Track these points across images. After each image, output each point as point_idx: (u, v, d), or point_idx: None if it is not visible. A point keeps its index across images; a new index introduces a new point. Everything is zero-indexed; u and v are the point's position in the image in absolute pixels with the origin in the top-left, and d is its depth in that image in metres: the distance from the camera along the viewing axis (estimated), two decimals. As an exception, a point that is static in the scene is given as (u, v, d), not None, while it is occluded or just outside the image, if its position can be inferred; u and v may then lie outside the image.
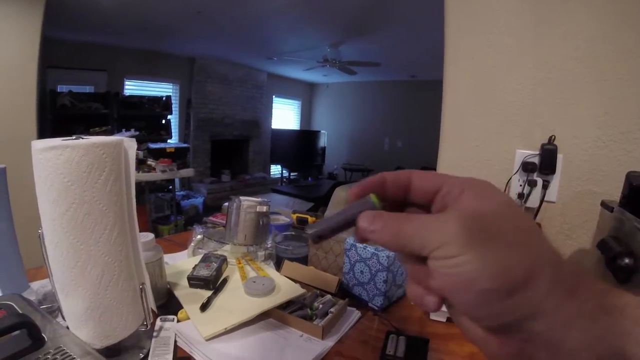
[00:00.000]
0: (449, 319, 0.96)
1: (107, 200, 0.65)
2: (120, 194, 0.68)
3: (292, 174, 9.50)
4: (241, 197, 1.18)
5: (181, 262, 1.17)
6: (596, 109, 1.13)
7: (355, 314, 0.96)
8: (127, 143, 0.72)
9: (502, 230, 0.26)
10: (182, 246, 1.35)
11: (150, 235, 0.94)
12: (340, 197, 3.33)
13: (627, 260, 0.64)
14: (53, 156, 0.60)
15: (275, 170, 9.54)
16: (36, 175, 0.62)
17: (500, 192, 0.29)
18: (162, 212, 5.24)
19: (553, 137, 1.19)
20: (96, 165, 0.62)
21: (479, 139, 1.33)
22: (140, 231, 0.94)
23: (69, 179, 0.61)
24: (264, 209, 1.18)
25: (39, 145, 0.60)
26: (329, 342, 0.83)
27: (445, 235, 0.26)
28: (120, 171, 0.68)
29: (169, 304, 0.96)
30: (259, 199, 1.20)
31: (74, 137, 0.64)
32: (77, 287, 0.65)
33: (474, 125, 1.33)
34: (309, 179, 9.56)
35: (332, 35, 5.09)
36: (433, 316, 0.97)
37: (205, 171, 7.45)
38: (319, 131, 9.70)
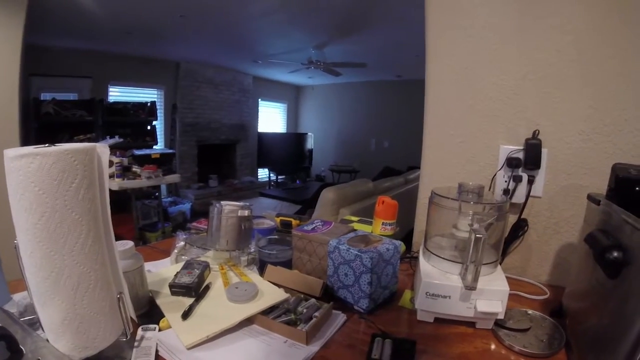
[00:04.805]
0: (436, 319, 0.95)
1: (80, 208, 0.63)
2: (94, 202, 0.67)
3: (279, 177, 9.48)
4: (222, 202, 1.17)
5: (164, 270, 1.16)
6: (580, 102, 1.13)
7: (340, 318, 0.95)
8: (100, 149, 0.70)
9: None
10: (166, 253, 1.33)
11: (129, 244, 0.92)
12: (327, 199, 3.33)
13: (616, 254, 0.64)
14: (24, 164, 0.59)
15: (263, 173, 9.51)
16: (8, 184, 0.61)
17: None
18: (149, 219, 5.20)
19: (537, 131, 1.19)
20: (67, 172, 0.61)
21: (462, 136, 1.33)
22: (127, 239, 0.93)
23: (40, 188, 0.59)
24: (246, 213, 1.17)
25: (10, 154, 0.59)
26: (314, 347, 0.82)
27: None
28: (93, 178, 0.67)
29: (151, 313, 0.94)
30: (241, 203, 1.19)
31: (46, 145, 0.63)
32: (53, 298, 0.64)
33: (457, 121, 1.33)
34: (297, 181, 9.56)
35: (316, 36, 5.08)
36: (420, 317, 0.96)
37: (192, 177, 7.40)
38: (306, 133, 9.70)
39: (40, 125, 4.81)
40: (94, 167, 0.67)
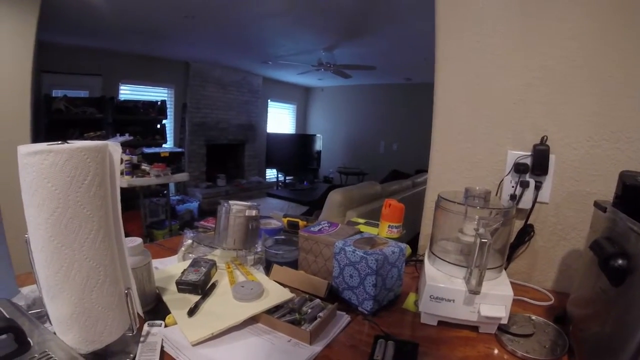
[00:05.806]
0: (440, 323, 0.96)
1: (91, 205, 0.65)
2: (105, 198, 0.68)
3: (287, 178, 9.49)
4: (230, 202, 1.18)
5: (171, 267, 1.17)
6: (587, 108, 1.13)
7: (344, 319, 0.95)
8: (112, 147, 0.72)
9: None
10: (173, 251, 1.34)
11: (137, 240, 0.93)
12: (335, 201, 3.33)
13: (620, 262, 0.64)
14: (37, 161, 0.60)
15: (271, 174, 9.52)
16: (22, 180, 0.62)
17: None
18: (157, 217, 5.22)
19: (545, 137, 1.19)
20: (80, 169, 0.62)
21: (470, 141, 1.33)
22: (135, 236, 0.94)
23: (53, 184, 0.60)
24: (253, 213, 1.18)
25: (24, 150, 0.60)
26: (317, 347, 0.83)
27: None
28: (105, 175, 0.68)
29: (157, 309, 0.95)
30: (248, 203, 1.20)
31: (59, 142, 0.64)
32: (62, 292, 0.65)
33: (465, 126, 1.33)
34: (305, 182, 9.55)
35: (326, 38, 5.08)
36: (424, 320, 0.97)
37: (200, 176, 7.43)
38: (315, 135, 9.69)
39: (50, 121, 4.85)
40: (106, 164, 0.68)
